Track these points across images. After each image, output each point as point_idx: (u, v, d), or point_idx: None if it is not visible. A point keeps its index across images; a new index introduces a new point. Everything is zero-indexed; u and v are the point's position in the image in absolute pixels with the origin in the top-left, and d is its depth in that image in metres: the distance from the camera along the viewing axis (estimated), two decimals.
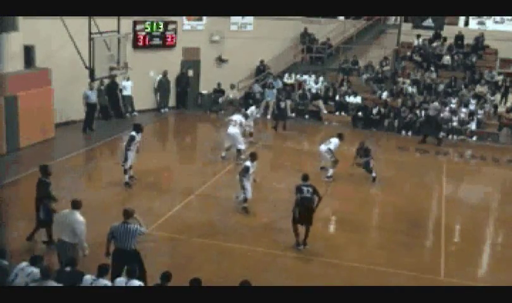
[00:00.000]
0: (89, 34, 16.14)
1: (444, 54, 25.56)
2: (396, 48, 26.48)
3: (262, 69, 25.48)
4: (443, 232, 13.78)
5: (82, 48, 16.27)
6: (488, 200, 16.85)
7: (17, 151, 17.16)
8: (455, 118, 22.28)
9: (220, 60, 24.88)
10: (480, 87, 23.90)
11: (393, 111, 22.93)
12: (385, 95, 23.87)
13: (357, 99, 23.99)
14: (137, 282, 8.53)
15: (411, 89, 24.01)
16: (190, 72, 24.29)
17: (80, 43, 16.30)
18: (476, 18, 26.50)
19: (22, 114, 17.24)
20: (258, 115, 22.06)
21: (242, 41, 24.46)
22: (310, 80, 25.16)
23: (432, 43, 26.11)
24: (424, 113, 22.30)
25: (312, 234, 12.24)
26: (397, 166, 19.00)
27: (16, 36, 16.73)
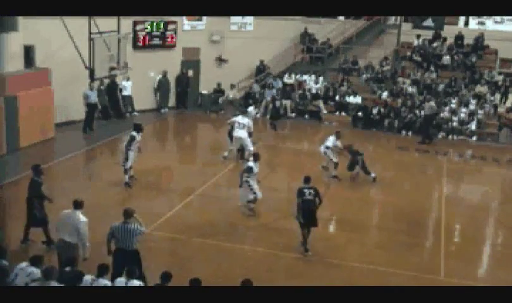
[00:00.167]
0: (89, 34, 16.12)
1: (444, 54, 25.55)
2: (396, 48, 26.49)
3: (262, 69, 25.47)
4: (443, 232, 13.78)
5: (82, 48, 16.25)
6: (488, 200, 16.83)
7: (17, 151, 17.16)
8: (455, 118, 22.29)
9: (220, 60, 24.87)
10: (480, 87, 23.90)
11: (393, 111, 22.92)
12: (385, 95, 23.86)
13: (357, 99, 23.98)
14: (137, 282, 8.53)
15: (411, 89, 23.99)
16: (190, 72, 24.28)
17: (80, 43, 16.29)
18: (476, 18, 26.48)
19: (22, 114, 17.26)
20: (257, 115, 22.04)
21: (242, 41, 24.46)
22: (310, 80, 25.15)
23: (432, 43, 26.10)
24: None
25: (312, 234, 12.23)
26: (397, 166, 19.01)
27: (16, 36, 16.70)
